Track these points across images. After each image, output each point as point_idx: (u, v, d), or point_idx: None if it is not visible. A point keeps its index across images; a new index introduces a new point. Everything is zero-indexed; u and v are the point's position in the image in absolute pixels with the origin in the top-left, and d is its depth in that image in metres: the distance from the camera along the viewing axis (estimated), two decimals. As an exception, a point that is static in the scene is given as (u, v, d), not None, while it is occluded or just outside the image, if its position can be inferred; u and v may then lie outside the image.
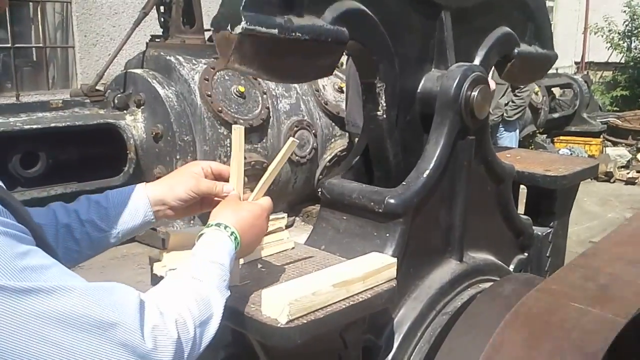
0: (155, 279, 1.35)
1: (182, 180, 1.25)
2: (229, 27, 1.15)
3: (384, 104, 1.52)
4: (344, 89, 5.90)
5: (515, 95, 6.48)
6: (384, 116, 1.53)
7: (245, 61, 1.20)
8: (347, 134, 6.08)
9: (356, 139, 5.36)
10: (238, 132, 1.24)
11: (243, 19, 1.13)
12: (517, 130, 6.79)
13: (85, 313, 0.80)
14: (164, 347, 0.87)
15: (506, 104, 6.38)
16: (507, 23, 1.83)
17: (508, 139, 6.47)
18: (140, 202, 1.24)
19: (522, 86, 6.44)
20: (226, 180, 1.28)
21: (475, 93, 1.56)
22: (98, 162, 5.33)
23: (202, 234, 1.12)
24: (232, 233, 1.12)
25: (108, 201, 1.23)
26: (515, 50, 1.85)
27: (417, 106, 1.62)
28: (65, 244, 1.18)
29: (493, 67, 1.88)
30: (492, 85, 6.34)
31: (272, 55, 1.23)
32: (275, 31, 1.19)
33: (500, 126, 6.42)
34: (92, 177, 5.12)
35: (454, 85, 1.55)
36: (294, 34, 1.22)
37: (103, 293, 0.84)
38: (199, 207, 1.31)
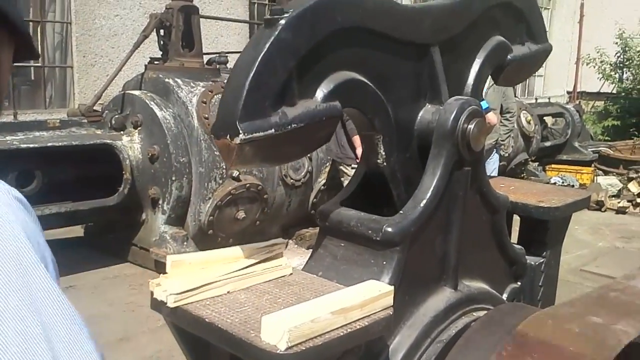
0: (155, 303, 1.38)
1: None
2: (228, 137, 1.21)
3: (383, 153, 1.57)
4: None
5: (506, 119, 6.66)
6: (385, 164, 1.58)
7: (247, 161, 1.28)
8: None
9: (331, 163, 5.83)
10: None
11: (240, 131, 1.19)
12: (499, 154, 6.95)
13: None
14: None
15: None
16: (497, 31, 1.84)
17: (494, 161, 6.60)
18: None
19: (510, 110, 6.64)
20: None
21: (471, 126, 1.60)
22: (94, 182, 5.34)
23: None
24: None
25: None
26: (509, 57, 1.87)
27: (416, 140, 1.66)
28: None
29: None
30: (494, 119, 6.37)
31: (272, 149, 1.30)
32: (272, 131, 1.24)
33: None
34: (88, 196, 5.13)
35: (451, 118, 1.59)
36: (289, 126, 1.27)
37: None
38: None
